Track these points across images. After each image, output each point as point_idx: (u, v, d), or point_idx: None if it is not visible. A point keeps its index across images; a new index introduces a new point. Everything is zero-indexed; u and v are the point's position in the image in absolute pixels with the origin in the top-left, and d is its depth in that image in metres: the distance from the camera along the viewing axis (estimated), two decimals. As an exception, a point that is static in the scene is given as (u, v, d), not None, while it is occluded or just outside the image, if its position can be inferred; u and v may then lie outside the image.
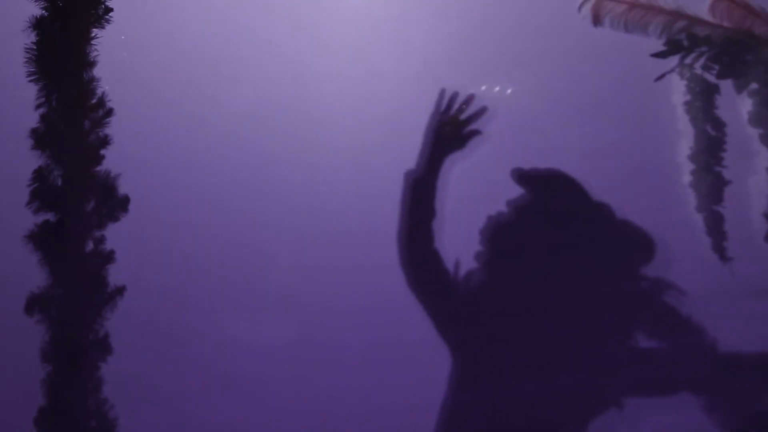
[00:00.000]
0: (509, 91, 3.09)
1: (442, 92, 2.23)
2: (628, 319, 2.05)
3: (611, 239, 2.13)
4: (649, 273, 2.08)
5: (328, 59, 3.53)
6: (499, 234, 2.18)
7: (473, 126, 2.22)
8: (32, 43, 2.15)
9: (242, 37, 3.49)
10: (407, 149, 3.44)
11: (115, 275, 2.27)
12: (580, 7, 2.55)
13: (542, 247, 2.11)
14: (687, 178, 2.58)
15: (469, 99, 2.23)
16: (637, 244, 2.11)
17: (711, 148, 2.54)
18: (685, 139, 2.59)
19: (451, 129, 2.21)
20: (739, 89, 2.47)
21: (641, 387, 2.04)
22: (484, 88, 3.08)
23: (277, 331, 3.48)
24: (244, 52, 3.52)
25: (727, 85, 2.53)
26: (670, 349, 2.04)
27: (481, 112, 2.21)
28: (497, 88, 3.04)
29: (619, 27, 2.50)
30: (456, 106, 2.23)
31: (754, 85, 2.46)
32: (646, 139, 2.88)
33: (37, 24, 2.15)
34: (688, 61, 2.51)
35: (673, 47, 2.49)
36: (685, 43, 2.49)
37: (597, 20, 2.51)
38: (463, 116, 2.23)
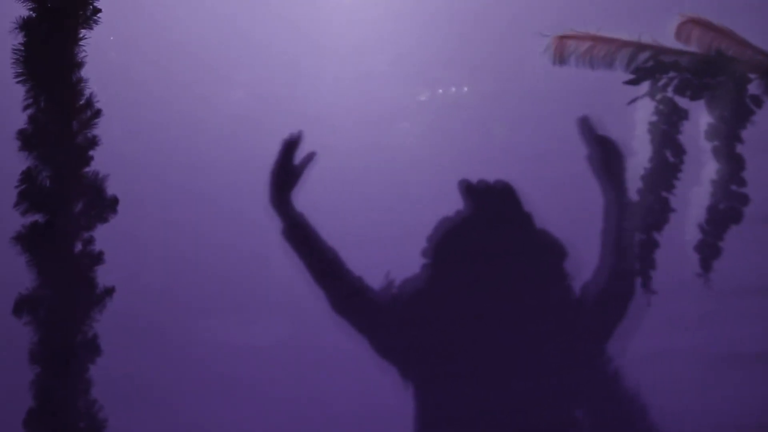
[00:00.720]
0: (465, 89, 3.10)
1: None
2: (562, 324, 2.08)
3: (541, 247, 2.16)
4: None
5: (321, 60, 3.53)
6: (444, 241, 2.20)
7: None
8: (20, 44, 2.15)
9: (234, 37, 3.49)
10: (401, 150, 3.45)
11: (104, 276, 2.26)
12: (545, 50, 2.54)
13: (483, 255, 2.13)
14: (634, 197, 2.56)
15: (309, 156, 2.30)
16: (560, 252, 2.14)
17: (665, 172, 2.53)
18: (640, 159, 2.58)
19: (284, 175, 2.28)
20: (711, 110, 2.48)
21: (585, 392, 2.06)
22: (441, 91, 3.10)
23: (269, 333, 3.48)
24: (236, 53, 3.52)
25: (694, 111, 2.53)
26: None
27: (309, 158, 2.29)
28: (453, 89, 3.05)
29: (584, 64, 2.49)
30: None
31: (721, 102, 2.47)
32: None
33: (25, 25, 2.14)
34: (660, 84, 2.51)
35: (641, 75, 2.49)
36: (653, 70, 2.49)
37: (561, 60, 2.51)
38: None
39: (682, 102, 2.51)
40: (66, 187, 2.19)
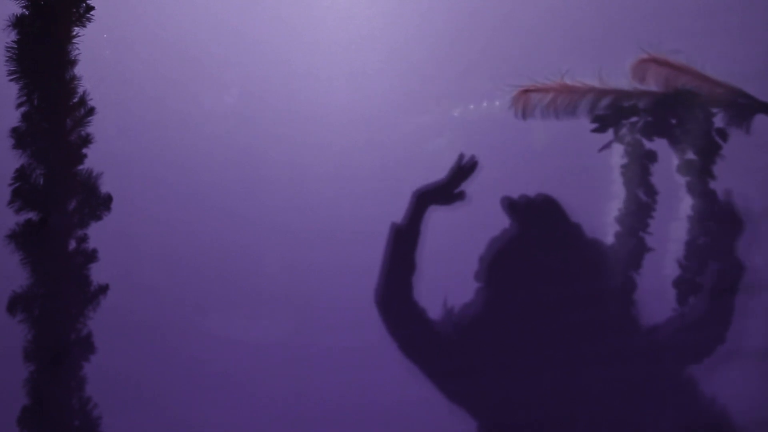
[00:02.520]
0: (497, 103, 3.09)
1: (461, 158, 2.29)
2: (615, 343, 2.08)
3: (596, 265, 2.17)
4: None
5: (315, 57, 3.53)
6: (497, 267, 2.20)
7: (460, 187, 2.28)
8: (13, 41, 2.15)
9: (227, 35, 3.48)
10: (395, 149, 3.45)
11: (98, 274, 2.27)
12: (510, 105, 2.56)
13: (539, 279, 2.13)
14: (610, 240, 2.57)
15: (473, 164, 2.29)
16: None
17: (639, 213, 2.54)
18: (615, 201, 2.60)
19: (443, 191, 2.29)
20: (675, 146, 2.49)
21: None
22: (472, 107, 3.09)
23: (265, 330, 3.48)
24: (229, 50, 3.51)
25: (664, 148, 2.54)
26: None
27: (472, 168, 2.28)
28: (485, 104, 3.04)
29: (549, 115, 2.50)
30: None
31: (689, 138, 2.47)
32: (578, 197, 2.88)
33: (18, 22, 2.14)
34: (624, 130, 2.52)
35: (602, 123, 2.51)
36: (613, 117, 2.50)
37: (525, 114, 2.52)
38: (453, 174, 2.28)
39: (650, 144, 2.52)
40: (59, 185, 2.20)
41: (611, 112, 2.49)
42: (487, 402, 2.10)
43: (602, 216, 2.55)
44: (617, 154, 2.54)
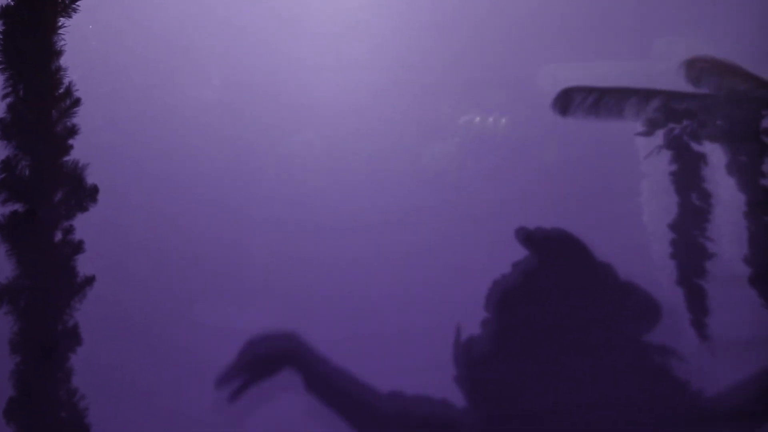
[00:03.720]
0: (490, 119, 3.05)
1: None
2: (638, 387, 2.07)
3: (617, 304, 2.14)
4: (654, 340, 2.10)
5: (303, 48, 3.52)
6: (507, 301, 2.16)
7: None
8: (-2, 32, 2.14)
9: (215, 25, 3.47)
10: (384, 139, 3.45)
11: (84, 265, 2.26)
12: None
13: (554, 314, 2.10)
14: (667, 249, 2.53)
15: None
16: (643, 309, 2.11)
17: (696, 218, 2.50)
18: (667, 210, 2.55)
19: None
20: (729, 148, 2.46)
21: None
22: (462, 120, 3.06)
23: (253, 320, 3.48)
24: (217, 41, 3.50)
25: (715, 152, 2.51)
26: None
27: None
28: (477, 119, 3.01)
29: (591, 115, 2.44)
30: None
31: (737, 139, 2.44)
32: (628, 207, 2.85)
33: (4, 13, 2.13)
34: (675, 133, 2.48)
35: (652, 126, 2.46)
36: (664, 119, 2.46)
37: (565, 111, 2.46)
38: None
39: (699, 146, 2.49)
40: (46, 176, 2.19)
41: (662, 113, 2.46)
42: (483, 394, 2.10)
43: (656, 224, 2.52)
44: (664, 160, 2.49)
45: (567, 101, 2.44)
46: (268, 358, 2.20)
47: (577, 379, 2.02)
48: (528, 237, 2.14)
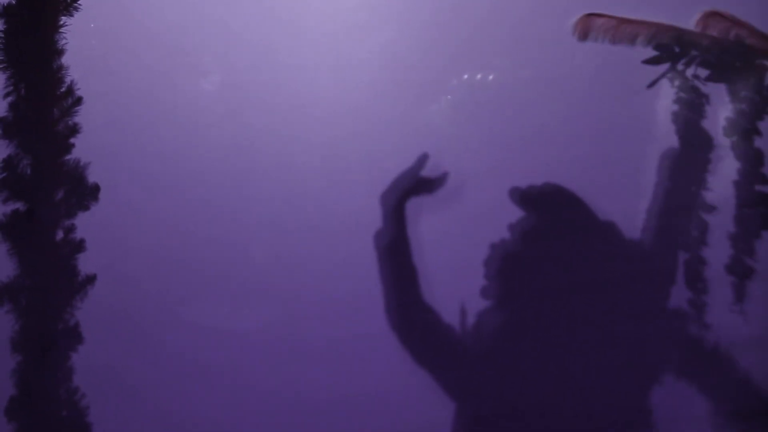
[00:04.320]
0: (491, 77, 3.08)
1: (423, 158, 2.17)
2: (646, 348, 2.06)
3: (618, 254, 2.13)
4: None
5: (301, 49, 3.53)
6: (508, 266, 2.14)
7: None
8: (0, 31, 2.14)
9: (214, 26, 3.48)
10: (380, 140, 3.45)
11: (85, 264, 2.26)
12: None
13: (557, 276, 2.08)
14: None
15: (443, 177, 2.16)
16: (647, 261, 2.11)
17: (695, 167, 2.49)
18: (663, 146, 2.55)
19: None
20: (732, 95, 2.48)
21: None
22: (466, 77, 3.07)
23: (251, 320, 3.49)
24: (217, 42, 3.50)
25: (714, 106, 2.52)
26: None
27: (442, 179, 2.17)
28: (479, 76, 3.03)
29: (606, 40, 2.48)
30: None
31: (740, 93, 2.46)
32: (627, 146, 2.85)
33: (5, 12, 2.13)
34: (679, 67, 2.50)
35: (664, 52, 2.48)
36: (676, 48, 2.49)
37: (584, 36, 2.50)
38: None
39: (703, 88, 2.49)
40: (47, 175, 2.19)
41: (675, 43, 2.47)
42: (483, 392, 2.09)
43: (649, 174, 2.51)
44: (667, 98, 2.51)
45: (587, 26, 2.48)
46: None
47: (575, 375, 2.03)
48: (523, 197, 2.14)
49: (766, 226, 2.43)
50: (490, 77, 3.10)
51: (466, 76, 3.17)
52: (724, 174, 2.48)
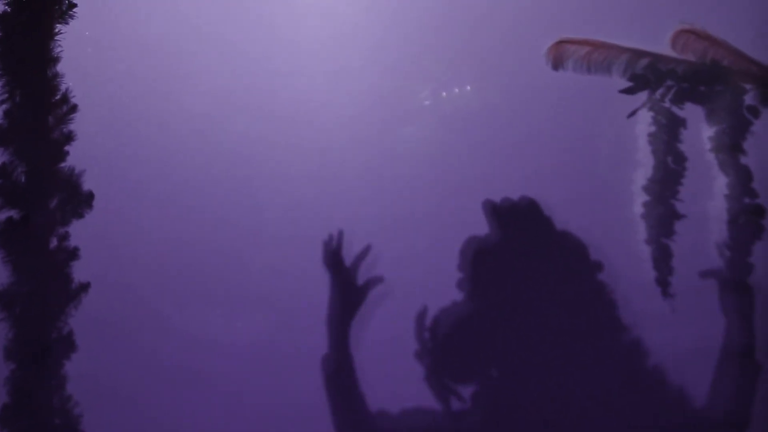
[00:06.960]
0: (468, 88, 3.09)
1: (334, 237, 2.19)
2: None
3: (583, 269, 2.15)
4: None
5: (296, 56, 3.53)
6: (478, 269, 2.16)
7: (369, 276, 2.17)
8: (-5, 38, 2.14)
9: (209, 33, 3.48)
10: (378, 147, 3.45)
11: (79, 272, 2.26)
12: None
13: (529, 285, 2.10)
14: (639, 209, 2.59)
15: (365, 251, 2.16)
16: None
17: (668, 180, 2.56)
18: (642, 170, 2.61)
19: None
20: (710, 118, 2.51)
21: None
22: (444, 94, 3.08)
23: (244, 329, 3.48)
24: (211, 49, 3.51)
25: (693, 119, 2.55)
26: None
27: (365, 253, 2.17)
28: (456, 90, 3.04)
29: (581, 69, 2.50)
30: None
31: (720, 113, 2.48)
32: (602, 166, 2.88)
33: (0, 19, 2.13)
34: (657, 95, 2.53)
35: (638, 82, 2.50)
36: (650, 77, 2.51)
37: (558, 64, 2.51)
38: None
39: (680, 112, 2.53)
40: (41, 182, 2.18)
41: (649, 72, 2.49)
42: (476, 402, 2.09)
43: (627, 185, 2.55)
44: (646, 122, 2.54)
45: (559, 53, 2.48)
46: None
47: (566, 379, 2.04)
48: (495, 210, 2.15)
49: (757, 237, 2.46)
50: (468, 88, 3.11)
51: (456, 90, 3.19)
52: (712, 190, 2.51)
